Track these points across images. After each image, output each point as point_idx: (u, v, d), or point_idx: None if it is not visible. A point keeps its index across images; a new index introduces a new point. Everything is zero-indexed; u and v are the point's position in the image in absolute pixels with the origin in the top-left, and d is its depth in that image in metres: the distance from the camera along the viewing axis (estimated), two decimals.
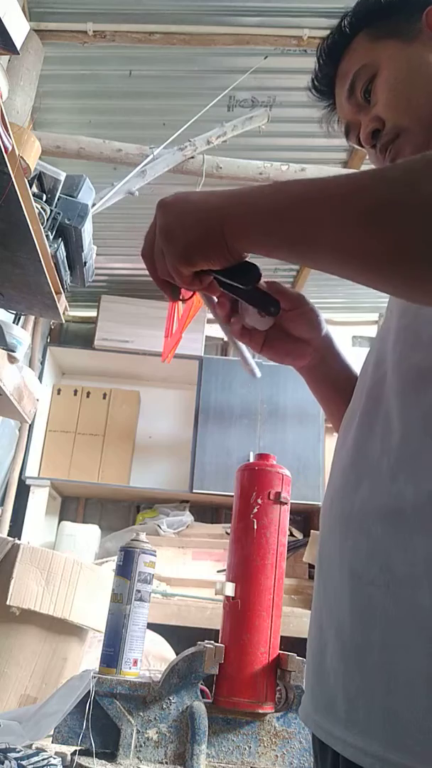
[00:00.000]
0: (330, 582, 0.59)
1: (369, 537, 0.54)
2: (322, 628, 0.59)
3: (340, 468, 0.64)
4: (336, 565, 0.58)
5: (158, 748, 1.17)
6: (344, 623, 0.55)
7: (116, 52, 2.57)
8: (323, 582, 0.62)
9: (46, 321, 3.87)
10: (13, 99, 2.32)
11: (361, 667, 0.51)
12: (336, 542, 0.59)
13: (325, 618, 0.59)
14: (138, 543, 1.39)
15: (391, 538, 0.52)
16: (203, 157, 2.77)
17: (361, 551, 0.55)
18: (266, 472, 1.34)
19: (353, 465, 0.61)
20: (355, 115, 0.76)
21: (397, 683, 0.48)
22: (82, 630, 2.12)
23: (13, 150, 1.47)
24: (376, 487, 0.56)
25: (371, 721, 0.49)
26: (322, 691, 0.57)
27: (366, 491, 0.57)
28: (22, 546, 1.97)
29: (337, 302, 4.33)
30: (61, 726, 1.18)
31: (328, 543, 0.62)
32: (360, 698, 0.51)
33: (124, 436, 4.03)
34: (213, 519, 3.96)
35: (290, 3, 2.40)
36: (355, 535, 0.57)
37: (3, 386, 1.96)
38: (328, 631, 0.57)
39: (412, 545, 0.50)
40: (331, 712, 0.54)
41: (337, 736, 0.52)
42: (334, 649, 0.56)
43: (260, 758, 1.19)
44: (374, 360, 0.67)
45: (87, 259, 2.32)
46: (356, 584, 0.54)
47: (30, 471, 3.65)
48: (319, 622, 0.61)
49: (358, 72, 0.73)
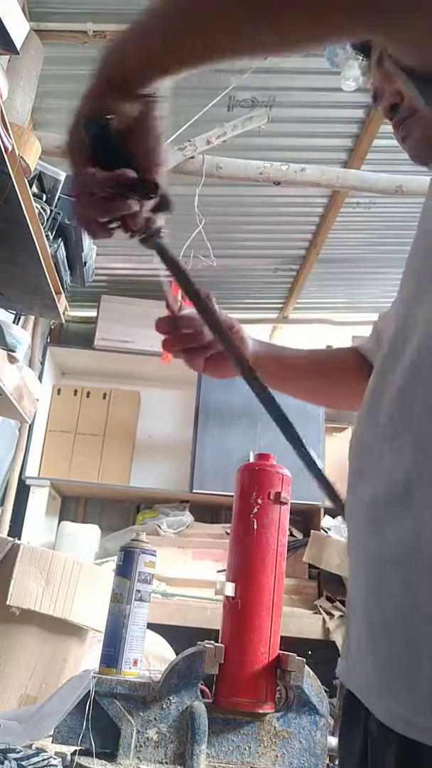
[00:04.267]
0: (358, 564, 0.61)
1: (384, 517, 0.56)
2: (356, 606, 0.61)
3: (359, 447, 0.65)
4: (361, 549, 0.60)
5: (158, 748, 1.17)
6: (368, 599, 0.56)
7: None
8: (354, 566, 0.63)
9: (46, 321, 3.87)
10: (13, 99, 2.32)
11: (387, 640, 0.53)
12: (359, 528, 0.61)
13: (354, 594, 0.61)
14: (138, 543, 1.39)
15: (400, 513, 0.53)
16: (203, 157, 2.77)
17: (379, 532, 0.56)
18: (266, 472, 1.34)
19: (360, 454, 0.63)
20: (382, 83, 0.75)
21: (419, 652, 0.49)
22: (82, 630, 2.12)
23: (13, 150, 1.47)
24: (379, 475, 0.57)
25: (398, 686, 0.50)
26: (357, 655, 0.59)
27: (381, 478, 0.58)
28: (22, 546, 1.97)
29: (337, 302, 4.34)
30: (61, 726, 1.18)
31: (354, 529, 0.63)
32: (388, 666, 0.52)
33: (124, 436, 4.03)
34: (213, 519, 3.96)
35: None
36: (373, 518, 0.58)
37: (3, 386, 1.96)
38: (356, 607, 0.59)
39: (419, 518, 0.51)
40: (364, 676, 0.56)
41: (372, 701, 0.54)
42: (361, 624, 0.57)
43: (260, 758, 1.19)
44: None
45: (87, 259, 2.32)
46: (376, 564, 0.56)
47: (30, 471, 3.65)
48: (354, 601, 0.62)
49: None
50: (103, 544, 3.63)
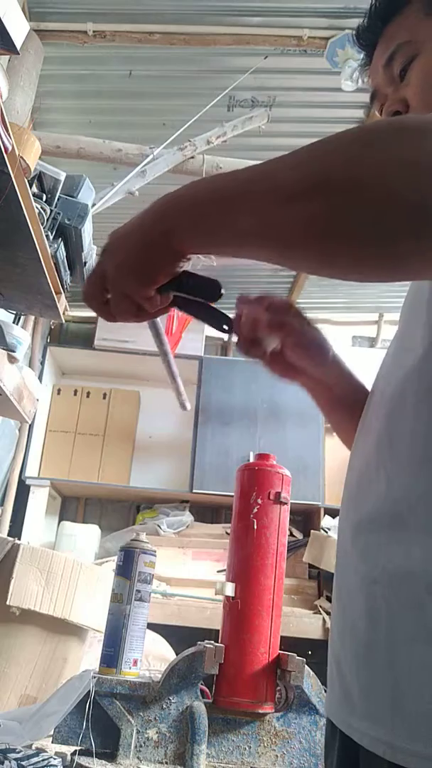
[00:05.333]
0: (344, 584, 0.62)
1: (374, 539, 0.57)
2: (340, 627, 0.62)
3: (354, 476, 0.67)
4: (351, 570, 0.61)
5: (158, 748, 1.17)
6: (357, 622, 0.57)
7: (116, 52, 2.57)
8: (339, 586, 0.64)
9: (46, 321, 3.87)
10: (13, 99, 2.32)
11: (371, 663, 0.54)
12: (350, 549, 0.62)
13: (340, 616, 0.62)
14: (138, 543, 1.39)
15: (391, 538, 0.55)
16: (203, 157, 2.77)
17: (367, 554, 0.58)
18: (266, 472, 1.34)
19: (363, 472, 0.64)
20: (386, 87, 0.73)
21: (399, 676, 0.50)
22: (82, 630, 2.12)
23: (13, 150, 1.47)
24: (378, 493, 0.59)
25: (382, 711, 0.51)
26: (340, 682, 0.60)
27: (371, 498, 0.60)
28: (22, 546, 1.97)
29: (337, 302, 4.33)
30: (61, 726, 1.18)
31: (344, 549, 0.64)
32: (370, 689, 0.53)
33: (124, 436, 4.03)
34: (213, 519, 3.96)
35: (290, 3, 2.40)
36: (363, 539, 0.59)
37: (3, 386, 1.96)
38: (344, 631, 0.60)
39: (408, 541, 0.52)
40: (349, 702, 0.57)
41: (355, 726, 0.55)
42: (348, 646, 0.59)
43: (260, 758, 1.19)
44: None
45: (87, 259, 2.32)
46: (365, 584, 0.57)
47: (30, 471, 3.65)
48: (337, 619, 0.63)
49: (401, 45, 0.69)
50: (103, 544, 3.63)
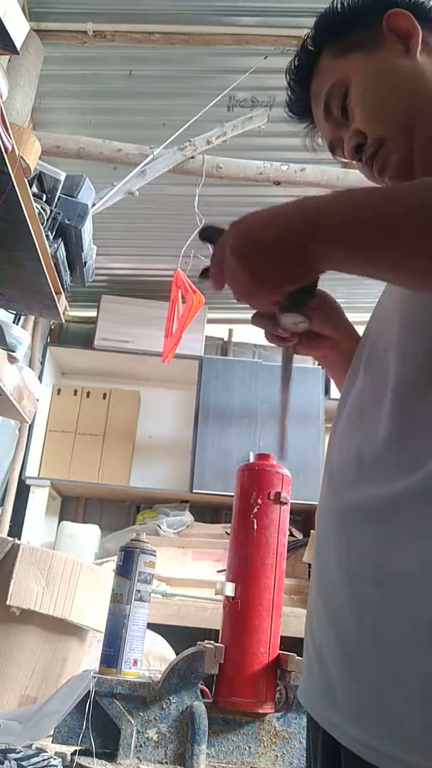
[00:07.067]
0: (326, 578, 0.61)
1: (363, 534, 0.56)
2: (321, 616, 0.61)
3: (335, 464, 0.66)
4: (333, 562, 0.59)
5: (158, 748, 1.17)
6: (342, 619, 0.56)
7: (116, 52, 2.57)
8: (319, 577, 0.63)
9: (46, 321, 3.87)
10: (13, 99, 2.32)
11: (357, 663, 0.53)
12: (332, 540, 0.61)
13: (322, 606, 0.61)
14: (138, 543, 1.39)
15: (383, 536, 0.53)
16: (203, 157, 2.77)
17: (355, 549, 0.56)
18: (266, 472, 1.34)
19: (346, 462, 0.63)
20: (337, 133, 0.75)
21: (392, 682, 0.49)
22: (82, 630, 2.12)
23: (13, 150, 1.47)
24: (367, 486, 0.57)
25: (368, 713, 0.50)
26: (322, 677, 0.58)
27: (358, 488, 0.59)
28: (22, 546, 1.97)
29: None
30: (61, 726, 1.18)
31: (325, 540, 0.63)
32: (358, 691, 0.52)
33: (124, 436, 4.03)
34: (213, 519, 3.96)
35: (290, 3, 2.40)
36: (350, 533, 0.58)
37: (3, 386, 1.96)
38: (327, 622, 0.59)
39: (405, 543, 0.51)
40: (332, 698, 0.55)
41: (337, 723, 0.54)
42: (333, 643, 0.57)
43: (260, 758, 1.19)
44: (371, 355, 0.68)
45: (87, 259, 2.31)
46: (353, 582, 0.56)
47: (30, 471, 3.65)
48: (318, 608, 0.62)
49: (329, 91, 0.72)
50: (103, 544, 3.63)
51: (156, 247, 3.67)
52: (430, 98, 0.67)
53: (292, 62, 0.77)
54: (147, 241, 3.65)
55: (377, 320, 0.71)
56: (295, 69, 0.77)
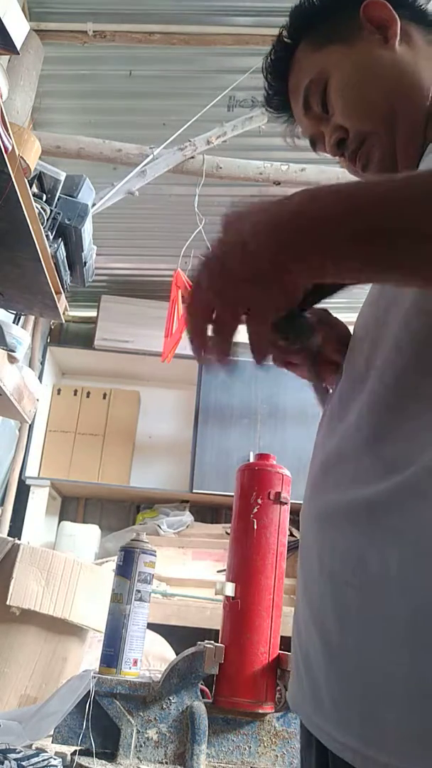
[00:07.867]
0: (310, 581, 0.60)
1: (344, 536, 0.55)
2: (306, 618, 0.60)
3: (316, 466, 0.65)
4: (315, 564, 0.59)
5: (158, 748, 1.17)
6: (326, 621, 0.55)
7: (116, 52, 2.57)
8: (303, 580, 0.62)
9: (46, 321, 3.87)
10: (13, 99, 2.32)
11: (341, 666, 0.52)
12: (313, 541, 0.60)
13: (307, 608, 0.60)
14: (138, 543, 1.39)
15: (363, 537, 0.52)
16: (203, 157, 2.77)
17: (336, 551, 0.55)
18: (266, 472, 1.34)
19: (327, 463, 0.62)
20: (317, 127, 0.73)
21: (372, 684, 0.48)
22: (82, 630, 2.12)
23: (13, 150, 1.47)
24: (347, 488, 0.56)
25: (351, 717, 0.50)
26: (308, 680, 0.58)
27: (338, 489, 0.58)
28: (22, 546, 1.97)
29: (336, 302, 4.30)
30: (61, 726, 1.18)
31: (307, 543, 0.62)
32: (341, 694, 0.52)
33: (124, 436, 4.03)
34: (213, 519, 3.96)
35: (290, 3, 2.39)
36: (331, 536, 0.57)
37: (3, 386, 1.96)
38: (312, 625, 0.58)
39: (384, 546, 0.50)
40: (318, 702, 0.55)
41: (323, 727, 0.53)
42: (318, 646, 0.56)
43: (260, 758, 1.19)
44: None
45: (87, 259, 2.31)
46: (335, 584, 0.55)
47: (30, 471, 3.65)
48: (303, 610, 0.61)
49: (308, 86, 0.71)
50: (103, 544, 3.63)
51: (156, 247, 3.67)
52: (410, 90, 0.66)
53: (269, 56, 0.75)
54: (147, 241, 3.65)
55: (358, 322, 0.71)
56: (271, 63, 0.75)
